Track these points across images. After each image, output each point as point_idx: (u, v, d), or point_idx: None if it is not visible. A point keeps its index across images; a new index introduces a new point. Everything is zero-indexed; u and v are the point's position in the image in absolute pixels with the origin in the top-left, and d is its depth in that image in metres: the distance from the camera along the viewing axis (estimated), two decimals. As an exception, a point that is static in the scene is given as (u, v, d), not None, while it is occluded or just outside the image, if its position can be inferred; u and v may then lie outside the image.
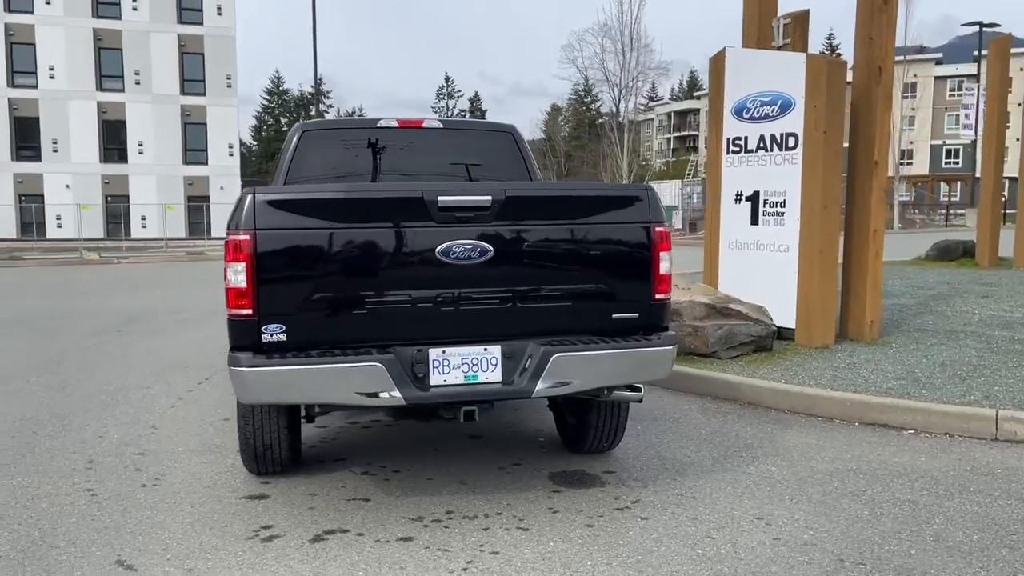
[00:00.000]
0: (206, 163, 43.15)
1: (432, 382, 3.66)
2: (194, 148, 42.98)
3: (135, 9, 41.56)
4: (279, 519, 3.86)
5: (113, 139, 42.11)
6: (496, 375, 3.72)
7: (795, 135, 7.35)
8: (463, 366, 3.70)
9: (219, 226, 39.89)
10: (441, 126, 5.79)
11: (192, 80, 42.72)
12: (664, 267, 3.89)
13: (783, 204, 7.50)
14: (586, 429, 4.64)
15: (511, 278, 3.71)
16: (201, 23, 42.59)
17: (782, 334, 7.56)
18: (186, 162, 42.88)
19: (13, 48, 40.76)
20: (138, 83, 41.83)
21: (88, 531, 3.74)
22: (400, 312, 3.62)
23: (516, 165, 5.80)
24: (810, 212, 7.27)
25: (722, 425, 5.44)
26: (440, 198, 3.55)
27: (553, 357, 3.65)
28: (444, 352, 3.68)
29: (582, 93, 79.41)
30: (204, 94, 42.82)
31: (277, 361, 3.46)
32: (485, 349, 3.72)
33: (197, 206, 41.51)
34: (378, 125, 5.69)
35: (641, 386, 4.37)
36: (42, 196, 40.80)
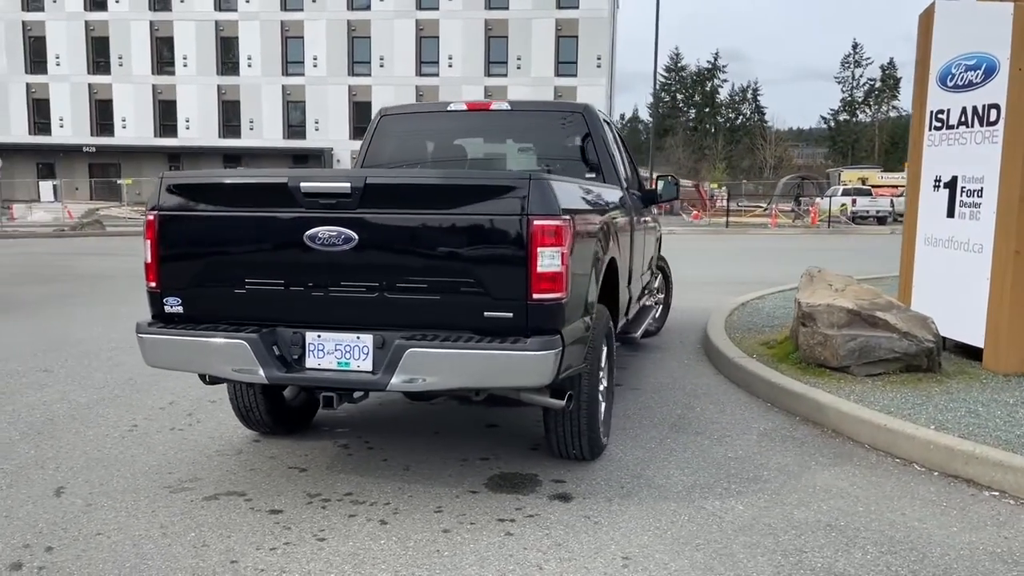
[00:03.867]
0: (574, 141, 45.51)
1: (308, 365, 3.77)
2: (564, 127, 45.56)
3: (521, -2, 45.12)
4: (213, 475, 4.26)
5: (496, 120, 46.35)
6: (367, 364, 3.71)
7: (997, 106, 5.87)
8: (336, 352, 3.74)
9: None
10: (509, 108, 5.70)
11: (565, 62, 45.22)
12: (545, 264, 3.51)
13: (980, 193, 6.05)
14: (547, 432, 4.35)
15: (377, 267, 3.65)
16: (577, 7, 44.78)
17: (979, 354, 6.15)
18: (556, 140, 45.63)
19: (423, 41, 46.66)
20: (519, 68, 45.42)
21: (84, 459, 4.49)
22: (276, 294, 3.77)
23: (587, 145, 5.52)
24: (1007, 204, 5.78)
25: (762, 451, 4.68)
26: (302, 184, 3.62)
27: (407, 351, 3.54)
28: (319, 336, 3.76)
29: None
30: (575, 75, 45.09)
31: (166, 331, 3.84)
32: (358, 337, 3.72)
33: (564, 182, 44.09)
34: (449, 108, 5.79)
35: (572, 393, 4.02)
36: (438, 171, 46.38)
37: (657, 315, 8.26)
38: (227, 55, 48.89)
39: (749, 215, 38.94)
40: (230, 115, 49.23)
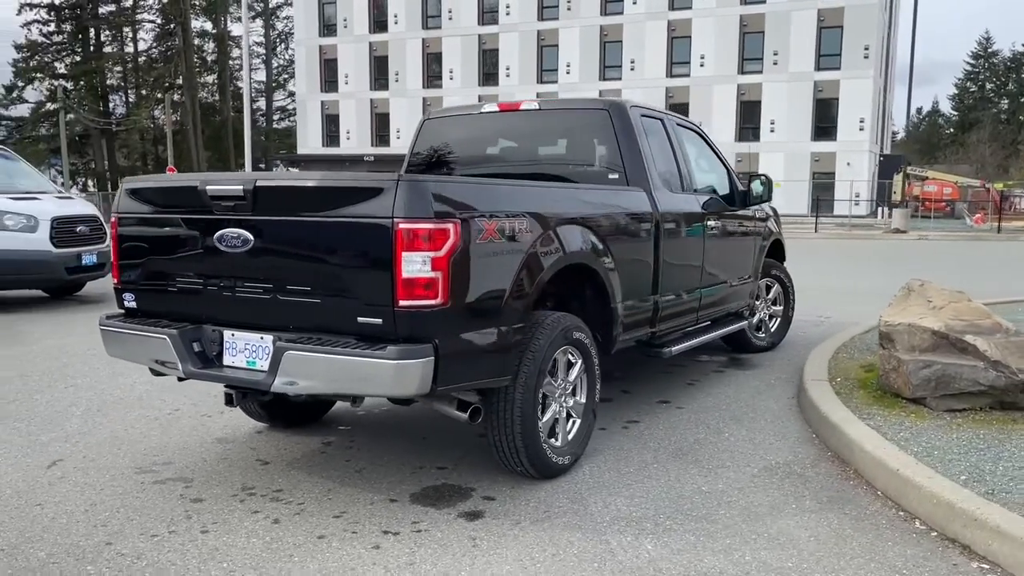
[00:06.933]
0: (835, 138, 42.38)
1: (225, 362, 3.92)
2: (824, 124, 42.59)
3: (778, -9, 42.90)
4: (186, 461, 4.56)
5: (748, 118, 44.40)
6: (267, 364, 3.77)
7: None
8: (245, 351, 3.86)
9: (842, 205, 39.03)
10: (537, 107, 5.48)
11: (827, 55, 42.25)
12: (412, 269, 3.34)
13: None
14: (491, 444, 4.14)
15: (269, 269, 3.71)
16: (843, -5, 41.70)
17: None
18: (815, 138, 42.78)
19: (674, 42, 45.92)
20: (775, 63, 43.18)
21: (105, 436, 5.00)
22: (197, 293, 3.95)
23: (611, 144, 5.20)
24: None
25: (745, 487, 4.10)
26: (208, 187, 3.76)
27: (284, 353, 3.57)
28: (233, 335, 3.89)
29: None
30: (839, 68, 41.95)
31: (117, 324, 4.18)
32: (261, 338, 3.80)
33: (823, 183, 41.25)
34: (482, 111, 5.71)
35: (479, 407, 3.82)
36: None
37: (773, 328, 7.51)
38: (488, 66, 51.44)
39: (1040, 219, 33.83)
40: (489, 123, 51.74)
